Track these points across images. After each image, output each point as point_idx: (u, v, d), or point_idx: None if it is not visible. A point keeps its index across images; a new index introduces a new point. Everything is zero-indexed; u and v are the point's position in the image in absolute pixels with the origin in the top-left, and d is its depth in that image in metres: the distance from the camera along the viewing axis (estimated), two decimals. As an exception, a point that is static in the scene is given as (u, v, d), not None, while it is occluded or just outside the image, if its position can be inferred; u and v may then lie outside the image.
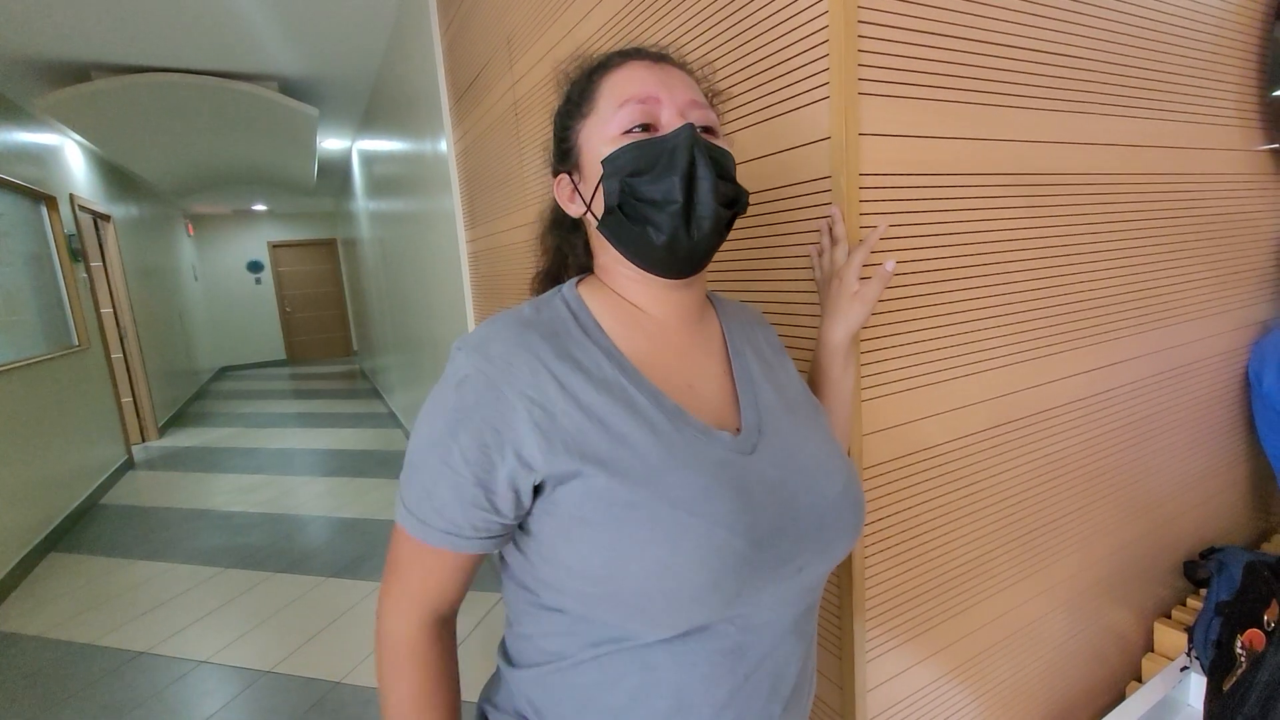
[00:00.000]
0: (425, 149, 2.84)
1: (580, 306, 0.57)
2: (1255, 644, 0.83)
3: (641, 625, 0.49)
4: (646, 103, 0.54)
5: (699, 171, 0.52)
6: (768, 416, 0.57)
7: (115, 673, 2.14)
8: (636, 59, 0.57)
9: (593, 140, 0.56)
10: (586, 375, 0.51)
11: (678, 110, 0.54)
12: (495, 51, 1.75)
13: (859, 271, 0.68)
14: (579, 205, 0.58)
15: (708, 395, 0.57)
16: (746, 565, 0.48)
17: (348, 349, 10.07)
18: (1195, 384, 1.20)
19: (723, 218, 0.54)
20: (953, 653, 0.90)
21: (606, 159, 0.53)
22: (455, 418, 0.49)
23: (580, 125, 0.57)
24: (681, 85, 0.56)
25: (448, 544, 0.52)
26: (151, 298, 6.03)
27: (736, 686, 0.52)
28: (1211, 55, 1.11)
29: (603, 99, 0.56)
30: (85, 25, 2.86)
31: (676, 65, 0.58)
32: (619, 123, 0.54)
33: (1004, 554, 0.94)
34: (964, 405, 0.85)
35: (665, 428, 0.51)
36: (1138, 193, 1.03)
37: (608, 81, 0.56)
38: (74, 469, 3.72)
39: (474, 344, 0.51)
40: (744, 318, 0.68)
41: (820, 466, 0.56)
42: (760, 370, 0.62)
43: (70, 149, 4.46)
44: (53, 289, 3.79)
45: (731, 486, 0.50)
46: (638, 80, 0.55)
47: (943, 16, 0.75)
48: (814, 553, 0.53)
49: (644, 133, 0.54)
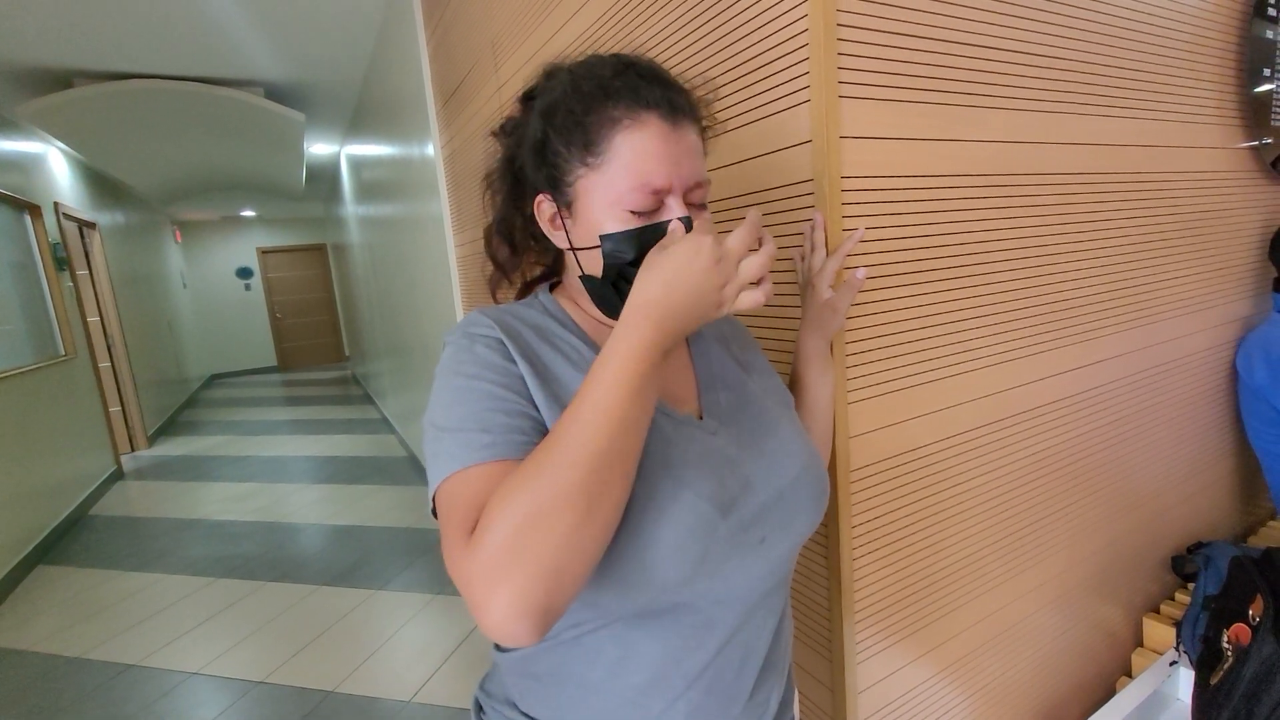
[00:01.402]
0: (413, 153, 2.83)
1: (557, 308, 0.62)
2: (1241, 638, 0.84)
3: (611, 593, 0.50)
4: (659, 193, 0.53)
5: None
6: (729, 408, 0.61)
7: (106, 686, 2.12)
8: (654, 112, 0.52)
9: (595, 198, 0.54)
10: (566, 358, 0.56)
11: (682, 194, 0.54)
12: (480, 56, 1.74)
13: (832, 279, 0.69)
14: (562, 239, 0.58)
15: (673, 387, 0.61)
16: (711, 529, 0.51)
17: (339, 355, 10.01)
18: (1179, 380, 1.21)
19: None
20: (943, 652, 0.91)
21: (607, 236, 0.53)
22: (476, 366, 0.52)
23: (583, 172, 0.54)
24: (689, 157, 0.54)
25: (515, 450, 0.47)
26: (139, 306, 5.97)
27: (708, 660, 0.54)
28: (1191, 53, 1.12)
29: (615, 160, 0.52)
30: (66, 32, 2.83)
31: (689, 118, 0.55)
32: (627, 201, 0.52)
33: (992, 553, 0.94)
34: (950, 406, 0.85)
35: None
36: (1119, 191, 1.04)
37: (623, 140, 0.52)
38: (62, 480, 3.68)
39: (466, 323, 0.56)
40: (714, 326, 0.70)
41: (780, 449, 0.59)
42: (724, 368, 0.65)
43: (54, 156, 4.41)
44: (38, 298, 3.75)
45: (697, 458, 0.54)
46: (655, 158, 0.52)
47: (922, 19, 0.75)
48: (775, 525, 0.56)
49: (647, 216, 0.53)
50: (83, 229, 4.83)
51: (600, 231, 0.54)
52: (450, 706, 1.88)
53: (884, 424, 0.79)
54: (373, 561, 2.91)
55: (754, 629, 0.57)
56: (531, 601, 0.39)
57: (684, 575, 0.50)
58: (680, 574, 0.50)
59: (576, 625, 0.54)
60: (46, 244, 3.88)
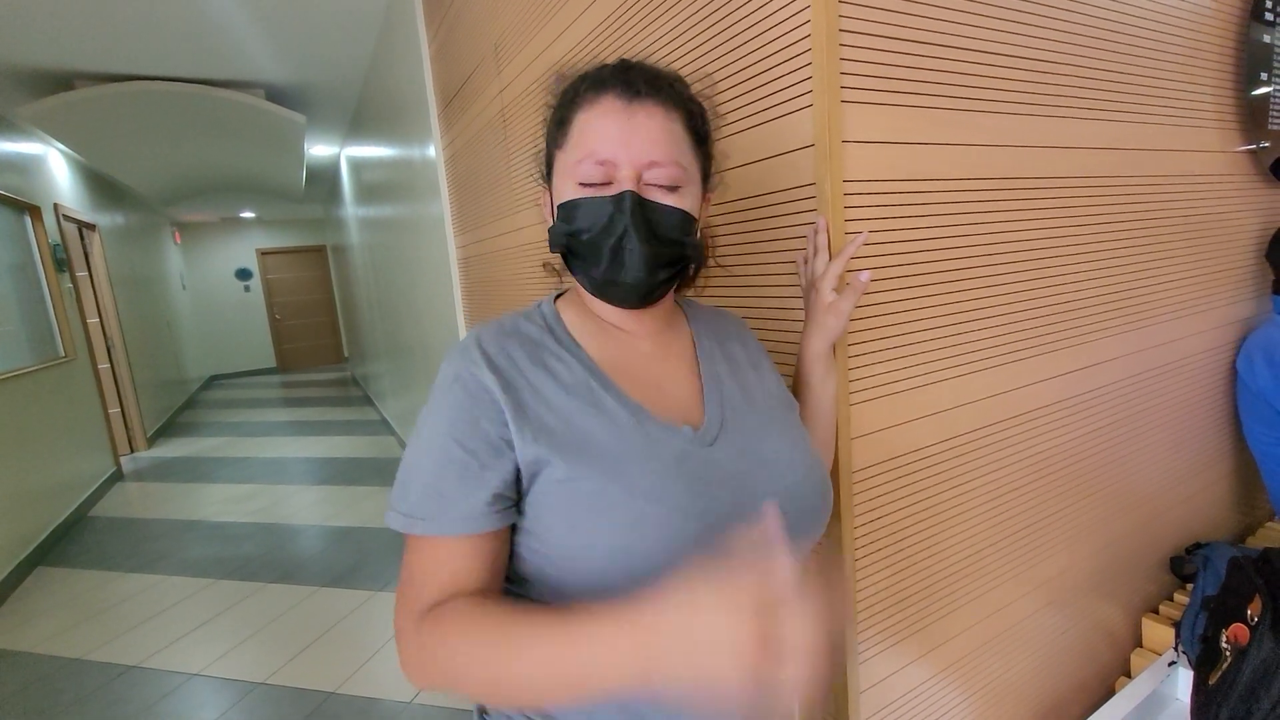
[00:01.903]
0: (414, 155, 2.83)
1: (555, 319, 0.62)
2: (1239, 638, 0.84)
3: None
4: (604, 164, 0.55)
5: (627, 244, 0.55)
6: (731, 413, 0.61)
7: (106, 688, 2.12)
8: (610, 93, 0.55)
9: (560, 176, 0.58)
10: (556, 379, 0.56)
11: (634, 172, 0.54)
12: (483, 58, 1.75)
13: (834, 282, 0.69)
14: (549, 221, 0.63)
15: (674, 394, 0.61)
16: (703, 549, 0.49)
17: (338, 356, 10.01)
18: (1178, 382, 1.22)
19: (656, 279, 0.57)
20: (944, 652, 0.91)
21: (560, 205, 0.58)
22: (453, 414, 0.53)
23: (556, 154, 0.59)
24: (646, 136, 0.54)
25: (465, 528, 0.51)
26: (139, 307, 5.97)
27: None
28: (1189, 57, 1.13)
29: (573, 138, 0.57)
30: (68, 33, 2.84)
31: (654, 99, 0.55)
32: (578, 173, 0.56)
33: (993, 553, 0.95)
34: (951, 407, 0.86)
35: (628, 424, 0.55)
36: (1118, 195, 1.04)
37: (579, 118, 0.56)
38: (61, 481, 3.68)
39: (458, 351, 0.57)
40: (719, 325, 0.71)
41: (781, 458, 0.60)
42: (728, 371, 0.65)
43: (54, 158, 4.42)
44: (38, 300, 3.75)
45: (688, 475, 0.54)
46: (602, 133, 0.55)
47: (923, 24, 0.76)
48: None
49: (598, 188, 0.55)
50: (82, 230, 4.83)
51: (559, 203, 0.58)
52: (451, 708, 1.88)
53: (886, 425, 0.80)
54: (373, 563, 2.91)
55: None
56: (429, 687, 0.50)
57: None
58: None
59: None
60: (46, 245, 3.88)
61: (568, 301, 0.64)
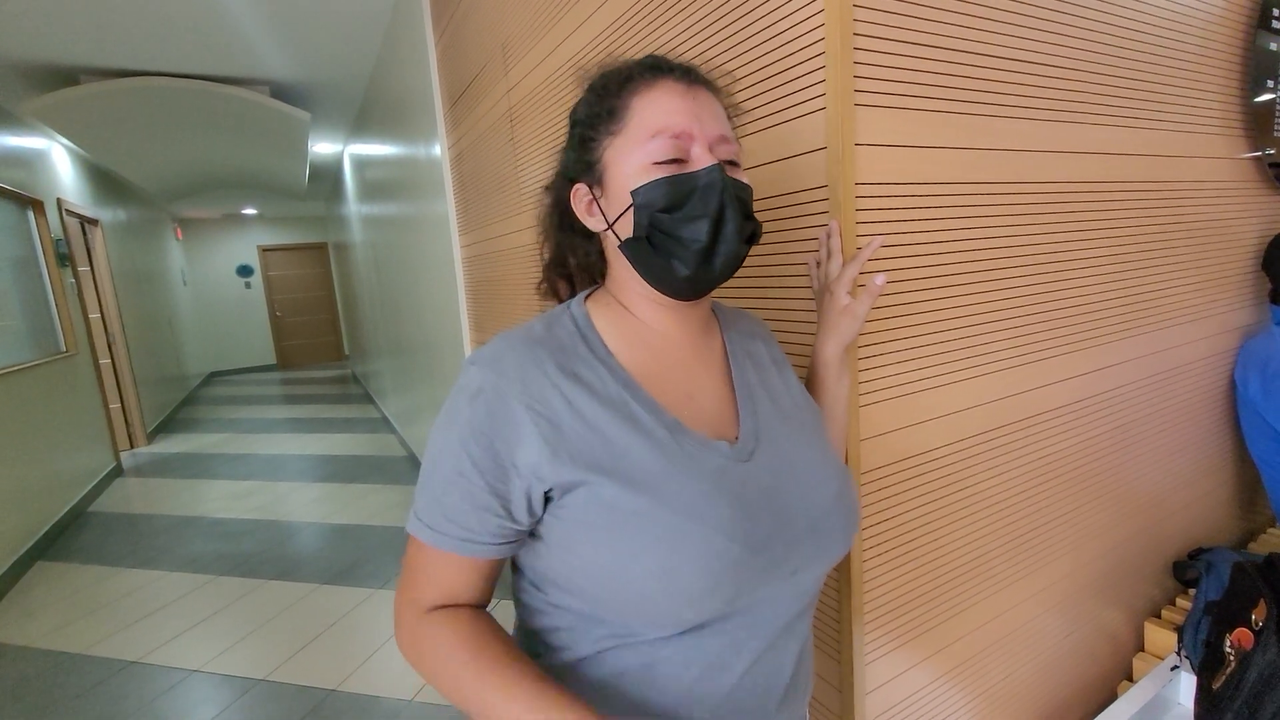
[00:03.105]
0: (419, 153, 2.83)
1: (587, 324, 0.59)
2: (1244, 643, 0.85)
3: (643, 623, 0.51)
4: (680, 138, 0.53)
5: (727, 214, 0.54)
6: (765, 425, 0.60)
7: (105, 683, 2.11)
8: (668, 77, 0.55)
9: (621, 163, 0.55)
10: (590, 391, 0.53)
11: (708, 145, 0.54)
12: (490, 58, 1.75)
13: (850, 286, 0.69)
14: (599, 221, 0.59)
15: (707, 405, 0.59)
16: (743, 569, 0.50)
17: (339, 353, 10.00)
18: (1182, 387, 1.22)
19: (743, 253, 0.57)
20: (949, 654, 0.91)
21: (637, 190, 0.54)
22: (468, 430, 0.51)
23: (608, 142, 0.56)
24: (711, 115, 0.55)
25: (461, 549, 0.52)
26: (140, 303, 5.97)
27: (734, 684, 0.54)
28: (1196, 65, 1.13)
29: (634, 120, 0.55)
30: (73, 28, 2.84)
31: (705, 85, 0.57)
32: (650, 152, 0.53)
33: (999, 556, 0.95)
34: (960, 410, 0.86)
35: (665, 439, 0.53)
36: (1126, 200, 1.05)
37: (640, 102, 0.55)
38: (61, 476, 3.68)
39: (487, 359, 0.53)
40: (745, 327, 0.70)
41: (815, 473, 0.59)
42: (758, 379, 0.64)
43: (58, 153, 4.42)
44: (40, 294, 3.75)
45: (729, 493, 0.52)
46: (672, 109, 0.54)
47: (936, 29, 0.76)
48: (808, 556, 0.55)
49: (674, 166, 0.54)
50: (85, 225, 4.83)
51: (630, 190, 0.55)
52: (451, 707, 1.88)
53: (895, 427, 0.80)
54: (373, 560, 2.91)
55: (779, 653, 0.57)
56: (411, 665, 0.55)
57: (717, 611, 0.51)
58: (713, 611, 0.51)
59: (599, 641, 0.54)
60: (49, 240, 3.88)
61: (598, 303, 0.61)
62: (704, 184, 0.53)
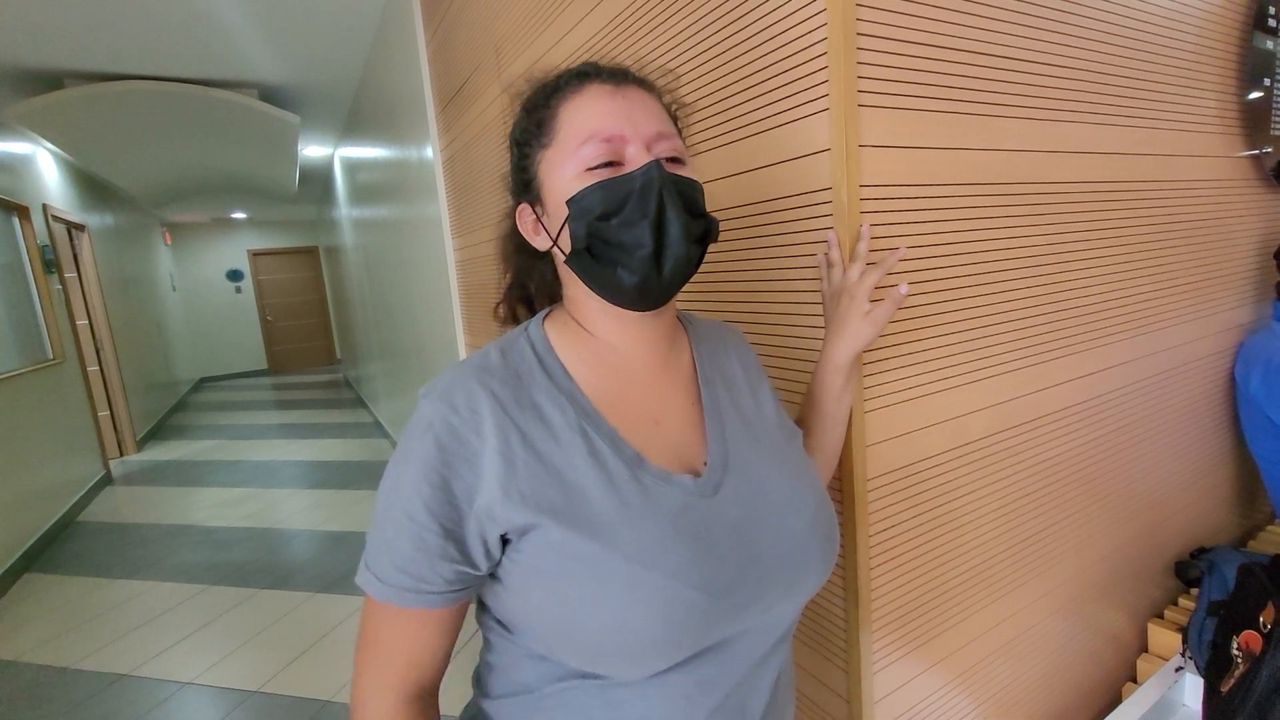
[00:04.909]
0: (410, 156, 2.81)
1: (545, 348, 0.56)
2: (1252, 645, 0.84)
3: (604, 670, 0.49)
4: (612, 140, 0.51)
5: (668, 214, 0.50)
6: (734, 449, 0.57)
7: (96, 697, 2.08)
8: (595, 81, 0.53)
9: (555, 174, 0.53)
10: (547, 425, 0.51)
11: (644, 144, 0.52)
12: (483, 59, 1.73)
13: (871, 292, 0.67)
14: (544, 239, 0.57)
15: (673, 430, 0.57)
16: (704, 618, 0.48)
17: (330, 358, 9.94)
18: (1183, 387, 1.22)
19: (694, 255, 0.53)
20: (956, 660, 0.91)
21: (571, 199, 0.51)
22: (420, 468, 0.48)
23: (540, 156, 0.54)
24: (645, 113, 0.53)
25: (413, 602, 0.49)
26: (128, 309, 5.90)
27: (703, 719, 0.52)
28: (1194, 64, 1.13)
29: (563, 130, 0.52)
30: (58, 31, 2.80)
31: (637, 84, 0.55)
32: (582, 159, 0.51)
33: (1004, 560, 0.94)
34: (964, 414, 0.85)
35: (623, 477, 0.50)
36: (1127, 200, 1.04)
37: (567, 109, 0.53)
38: (49, 486, 3.62)
39: (438, 392, 0.51)
40: (719, 339, 0.67)
41: (787, 500, 0.56)
42: (729, 398, 0.61)
43: (43, 158, 4.36)
44: (26, 301, 3.70)
45: (689, 535, 0.49)
46: (600, 112, 0.52)
47: (939, 29, 0.75)
48: (780, 594, 0.53)
49: (608, 170, 0.51)
50: (71, 231, 4.77)
51: (564, 200, 0.52)
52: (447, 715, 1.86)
53: (899, 432, 0.79)
54: (368, 568, 2.88)
55: (752, 685, 0.55)
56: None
57: (677, 659, 0.49)
58: (673, 659, 0.48)
59: (561, 680, 0.51)
60: (35, 246, 3.83)
61: (555, 323, 0.59)
62: (641, 184, 0.50)
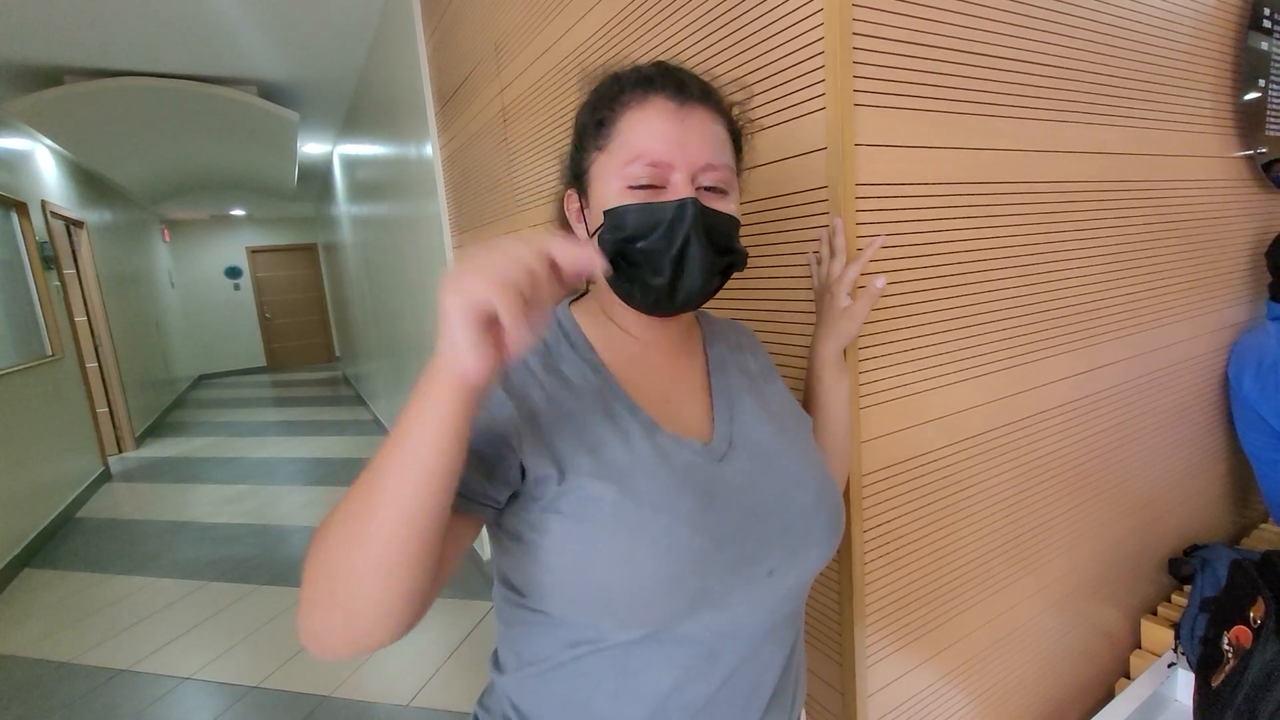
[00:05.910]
0: (410, 153, 2.81)
1: (572, 325, 0.60)
2: (1242, 640, 0.85)
3: (610, 622, 0.51)
4: (658, 166, 0.52)
5: (691, 251, 0.53)
6: (741, 429, 0.60)
7: (95, 692, 2.08)
8: (660, 94, 0.54)
9: (602, 179, 0.56)
10: (570, 387, 0.55)
11: (690, 173, 0.53)
12: (483, 57, 1.74)
13: (850, 288, 0.69)
14: (583, 230, 0.59)
15: (684, 408, 0.60)
16: (708, 562, 0.50)
17: (329, 355, 9.92)
18: (1177, 385, 1.23)
19: (711, 287, 0.56)
20: (950, 655, 0.91)
21: (609, 211, 0.54)
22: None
23: (594, 157, 0.57)
24: (700, 139, 0.54)
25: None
26: (127, 305, 5.90)
27: (711, 694, 0.53)
28: (1189, 64, 1.14)
29: (618, 139, 0.54)
30: (57, 27, 2.80)
31: (703, 102, 0.55)
32: (627, 176, 0.53)
33: (999, 556, 0.95)
34: (959, 410, 0.86)
35: (638, 435, 0.54)
36: (1121, 199, 1.05)
37: (627, 120, 0.54)
38: (48, 482, 3.63)
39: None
40: (732, 337, 0.70)
41: (792, 477, 0.58)
42: (741, 386, 0.64)
43: (42, 154, 4.35)
44: (24, 298, 3.69)
45: (696, 487, 0.52)
46: (655, 134, 0.53)
47: (934, 29, 0.76)
48: (783, 558, 0.54)
49: (650, 192, 0.53)
50: (70, 227, 4.77)
51: (603, 210, 0.55)
52: (449, 710, 1.87)
53: (895, 429, 0.80)
54: (367, 564, 2.88)
55: (761, 662, 0.56)
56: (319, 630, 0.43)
57: (682, 608, 0.50)
58: (678, 607, 0.50)
59: (575, 646, 0.53)
60: (33, 243, 3.82)
61: (582, 308, 0.63)
62: (672, 217, 0.52)
